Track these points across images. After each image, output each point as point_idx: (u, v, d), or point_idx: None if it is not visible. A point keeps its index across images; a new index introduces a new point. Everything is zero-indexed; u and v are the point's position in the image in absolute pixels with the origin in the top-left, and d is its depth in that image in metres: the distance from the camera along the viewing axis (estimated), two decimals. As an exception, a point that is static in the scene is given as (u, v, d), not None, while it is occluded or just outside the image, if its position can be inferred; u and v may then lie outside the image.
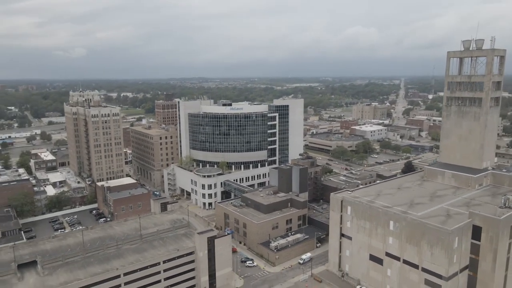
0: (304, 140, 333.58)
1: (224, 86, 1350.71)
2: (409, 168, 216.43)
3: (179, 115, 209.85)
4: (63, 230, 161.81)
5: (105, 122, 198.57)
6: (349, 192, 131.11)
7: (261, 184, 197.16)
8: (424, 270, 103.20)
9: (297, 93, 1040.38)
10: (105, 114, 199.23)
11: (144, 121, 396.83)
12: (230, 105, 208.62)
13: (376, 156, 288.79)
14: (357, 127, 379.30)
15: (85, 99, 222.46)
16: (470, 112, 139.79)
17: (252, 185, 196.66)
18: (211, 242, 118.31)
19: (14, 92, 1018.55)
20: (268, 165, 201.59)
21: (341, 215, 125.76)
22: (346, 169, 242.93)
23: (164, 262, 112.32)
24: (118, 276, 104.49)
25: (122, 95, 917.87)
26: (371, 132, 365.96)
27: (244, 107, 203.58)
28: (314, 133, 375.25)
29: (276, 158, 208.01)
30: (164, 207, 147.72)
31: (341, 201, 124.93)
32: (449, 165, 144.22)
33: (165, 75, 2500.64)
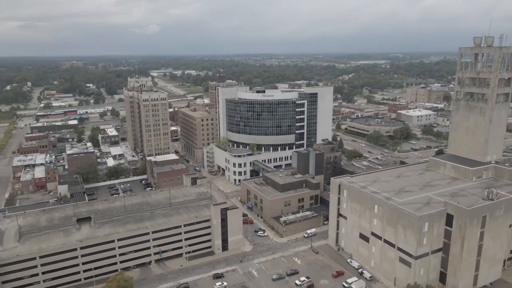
0: (344, 123, 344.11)
1: (285, 64, 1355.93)
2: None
3: (218, 100, 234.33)
4: (117, 195, 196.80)
5: (154, 106, 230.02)
6: (349, 177, 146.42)
7: (288, 165, 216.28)
8: (399, 249, 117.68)
9: (359, 71, 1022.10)
10: (154, 99, 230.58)
11: (198, 101, 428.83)
12: (264, 92, 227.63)
13: (414, 142, 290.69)
14: (403, 112, 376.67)
15: (140, 85, 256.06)
16: (477, 107, 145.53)
17: (280, 166, 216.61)
18: (224, 212, 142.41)
19: (94, 69, 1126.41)
20: (295, 149, 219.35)
21: (339, 197, 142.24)
22: (381, 153, 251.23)
23: (185, 225, 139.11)
24: (148, 233, 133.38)
25: (186, 73, 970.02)
26: (418, 117, 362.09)
27: (275, 94, 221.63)
28: (359, 116, 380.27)
29: (304, 142, 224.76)
30: (194, 182, 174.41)
31: (339, 185, 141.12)
32: (456, 157, 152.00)
33: (231, 51, 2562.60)
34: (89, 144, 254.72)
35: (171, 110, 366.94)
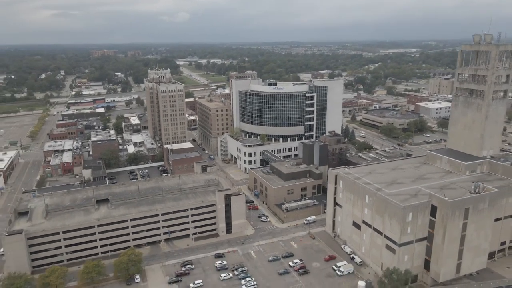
0: (360, 115, 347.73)
1: (312, 52, 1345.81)
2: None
3: (232, 92, 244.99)
4: (136, 179, 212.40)
5: (172, 97, 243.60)
6: (346, 168, 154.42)
7: (296, 156, 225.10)
8: (385, 236, 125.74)
9: (386, 60, 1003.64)
10: (171, 90, 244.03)
11: (218, 91, 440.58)
12: (275, 84, 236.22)
13: (428, 135, 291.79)
14: (422, 104, 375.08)
15: (159, 76, 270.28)
16: (474, 103, 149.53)
17: (289, 156, 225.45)
18: (228, 198, 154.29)
19: (123, 58, 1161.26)
20: (305, 140, 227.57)
21: (335, 187, 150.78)
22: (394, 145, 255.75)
23: (192, 209, 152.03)
24: (157, 215, 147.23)
25: (210, 61, 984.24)
26: (437, 109, 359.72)
27: (286, 87, 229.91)
28: (376, 108, 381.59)
29: (313, 133, 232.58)
30: (204, 169, 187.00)
31: (336, 175, 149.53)
32: (453, 151, 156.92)
33: (259, 39, 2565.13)
34: (112, 131, 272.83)
35: (191, 99, 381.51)
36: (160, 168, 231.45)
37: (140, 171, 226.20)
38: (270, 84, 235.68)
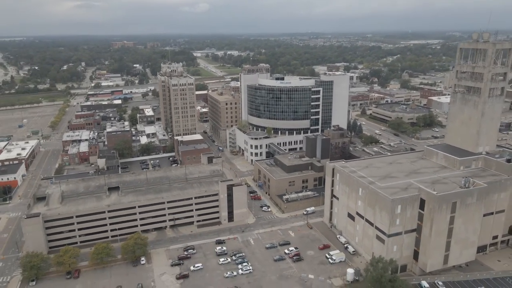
0: (369, 110, 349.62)
1: (330, 44, 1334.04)
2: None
3: (240, 86, 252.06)
4: (147, 169, 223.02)
5: (182, 90, 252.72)
6: (344, 162, 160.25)
7: (301, 149, 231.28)
8: (376, 227, 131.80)
9: (405, 52, 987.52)
10: (182, 84, 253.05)
11: (232, 83, 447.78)
12: (283, 79, 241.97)
13: (437, 130, 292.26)
14: (434, 98, 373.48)
15: (171, 70, 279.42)
16: (471, 100, 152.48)
17: (295, 149, 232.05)
18: (230, 188, 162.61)
19: (142, 49, 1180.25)
20: (311, 133, 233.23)
21: (333, 180, 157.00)
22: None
23: (196, 198, 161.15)
24: (163, 203, 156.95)
25: (227, 53, 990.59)
26: (449, 104, 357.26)
27: (292, 81, 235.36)
28: (388, 102, 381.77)
29: (319, 127, 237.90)
30: (210, 160, 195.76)
31: (333, 169, 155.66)
32: (450, 147, 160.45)
33: (279, 30, 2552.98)
34: (126, 123, 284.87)
35: (205, 92, 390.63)
36: (171, 158, 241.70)
37: (152, 161, 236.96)
38: (277, 79, 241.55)
